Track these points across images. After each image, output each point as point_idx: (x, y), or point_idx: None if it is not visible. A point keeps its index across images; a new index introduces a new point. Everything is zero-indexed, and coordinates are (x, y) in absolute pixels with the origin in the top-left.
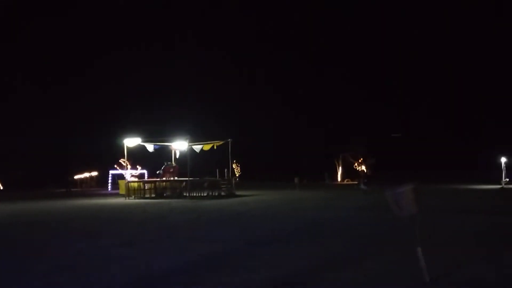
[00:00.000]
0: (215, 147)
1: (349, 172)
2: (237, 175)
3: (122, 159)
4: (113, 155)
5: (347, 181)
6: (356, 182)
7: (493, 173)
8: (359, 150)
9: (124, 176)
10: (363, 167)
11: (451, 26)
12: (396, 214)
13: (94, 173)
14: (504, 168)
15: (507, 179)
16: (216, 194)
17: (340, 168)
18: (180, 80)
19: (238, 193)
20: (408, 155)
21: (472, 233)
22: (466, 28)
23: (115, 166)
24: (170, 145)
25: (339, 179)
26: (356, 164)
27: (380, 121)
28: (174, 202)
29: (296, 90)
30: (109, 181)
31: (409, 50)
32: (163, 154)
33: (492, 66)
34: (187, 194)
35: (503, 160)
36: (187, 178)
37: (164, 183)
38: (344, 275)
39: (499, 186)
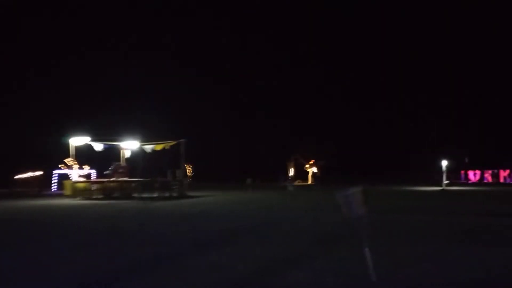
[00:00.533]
0: (167, 148)
1: (301, 173)
2: (189, 175)
3: (68, 159)
4: (59, 155)
5: (298, 182)
6: (311, 183)
7: (437, 175)
8: (310, 151)
9: (70, 176)
10: (314, 169)
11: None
12: (345, 215)
13: (38, 173)
14: (445, 170)
15: (448, 181)
16: (167, 195)
17: (292, 169)
18: (132, 79)
19: (190, 194)
20: (356, 157)
21: (418, 233)
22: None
23: (60, 166)
24: (120, 145)
25: (290, 180)
26: (307, 166)
27: (332, 122)
28: (123, 203)
29: (252, 90)
30: (54, 181)
31: (356, 52)
32: (112, 154)
33: (433, 69)
34: (137, 195)
35: (444, 163)
36: (138, 179)
37: (113, 183)
38: (292, 275)
39: (440, 188)
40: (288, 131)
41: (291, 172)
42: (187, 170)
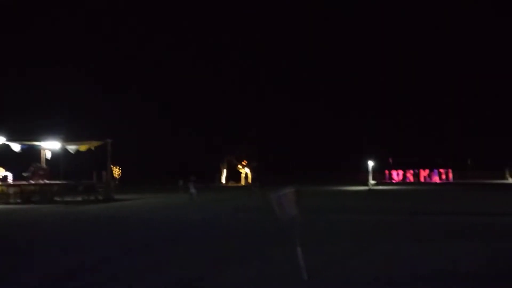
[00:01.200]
0: (92, 148)
1: (234, 174)
2: (116, 177)
3: None
4: None
5: (231, 183)
6: (244, 184)
7: (361, 175)
8: (244, 152)
9: None
10: (248, 170)
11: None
12: (279, 215)
13: None
14: (371, 171)
15: (374, 181)
16: (93, 198)
17: (225, 170)
18: (56, 77)
19: (117, 197)
20: (291, 158)
21: (346, 231)
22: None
23: None
24: (40, 145)
25: (223, 181)
26: (240, 167)
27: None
28: (44, 208)
29: (184, 90)
30: None
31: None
32: (32, 155)
33: (363, 71)
34: (60, 199)
35: (370, 164)
36: (60, 181)
37: (32, 186)
38: (225, 276)
39: (367, 188)
40: (221, 133)
41: (224, 173)
42: (114, 172)
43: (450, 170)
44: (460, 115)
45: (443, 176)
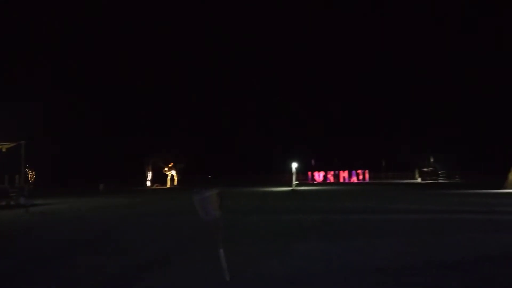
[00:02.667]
0: (4, 150)
1: (159, 176)
2: (31, 181)
3: None
4: None
5: (156, 186)
6: (170, 186)
7: (285, 177)
8: (169, 155)
9: None
10: (173, 172)
11: None
12: (202, 218)
13: None
14: (295, 172)
15: (297, 182)
16: (4, 203)
17: (150, 172)
18: None
19: (33, 202)
20: (214, 160)
21: (267, 232)
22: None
23: None
24: None
25: (148, 183)
26: (165, 169)
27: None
28: None
29: (114, 91)
30: None
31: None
32: None
33: (287, 76)
34: None
35: (294, 165)
36: None
37: None
38: (147, 280)
39: (290, 188)
40: (146, 134)
41: (149, 175)
42: (29, 176)
43: (366, 171)
44: (376, 119)
45: (360, 177)
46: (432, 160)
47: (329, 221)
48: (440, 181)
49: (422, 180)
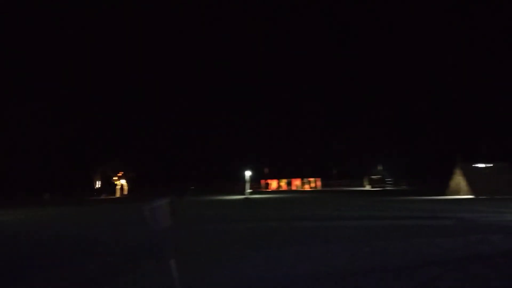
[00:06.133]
0: None
1: (108, 186)
2: None
3: None
4: None
5: (104, 196)
6: (120, 196)
7: (239, 185)
8: (118, 164)
9: None
10: (123, 181)
11: None
12: (152, 227)
13: None
14: (248, 180)
15: (251, 190)
16: None
17: (99, 182)
18: None
19: None
20: (167, 169)
21: (221, 240)
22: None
23: None
24: None
25: (97, 193)
26: (115, 178)
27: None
28: None
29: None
30: None
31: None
32: None
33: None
34: None
35: (247, 173)
36: None
37: None
38: None
39: (243, 197)
40: (94, 143)
41: (98, 185)
42: None
43: (318, 179)
44: (327, 129)
45: (312, 184)
46: (380, 168)
47: (281, 229)
48: (387, 188)
49: (371, 188)
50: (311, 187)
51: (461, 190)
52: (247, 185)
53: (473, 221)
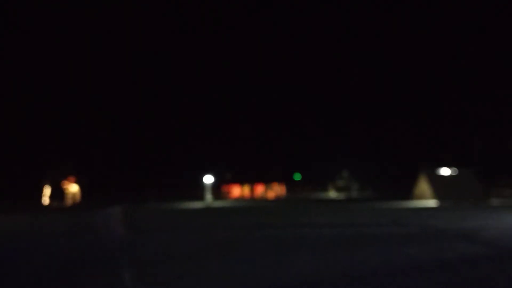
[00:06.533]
0: None
1: (58, 192)
2: None
3: None
4: None
5: (54, 203)
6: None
7: (199, 191)
8: (70, 168)
9: None
10: (74, 187)
11: None
12: (103, 236)
13: None
14: (209, 187)
15: (212, 196)
16: None
17: (48, 189)
18: None
19: None
20: (124, 175)
21: (180, 250)
22: None
23: None
24: None
25: (47, 201)
26: (65, 184)
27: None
28: None
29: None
30: None
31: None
32: None
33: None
34: None
35: (209, 180)
36: None
37: None
38: None
39: (204, 204)
40: (44, 145)
41: (47, 191)
42: None
43: (283, 185)
44: (293, 134)
45: (277, 191)
46: (345, 174)
47: (242, 238)
48: (353, 194)
49: (336, 194)
50: (275, 193)
51: (425, 197)
52: (208, 192)
53: (437, 228)
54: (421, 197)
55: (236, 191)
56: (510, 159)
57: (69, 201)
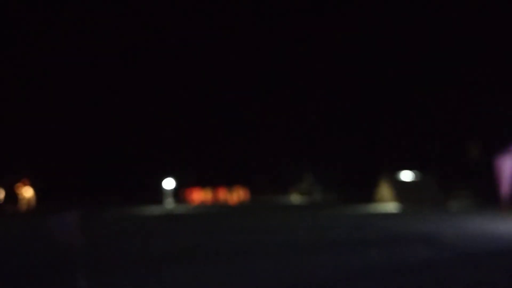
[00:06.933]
0: None
1: (12, 196)
2: None
3: None
4: None
5: (9, 207)
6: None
7: (160, 196)
8: (24, 172)
9: None
10: (29, 191)
11: None
12: (57, 242)
13: None
14: (170, 191)
15: (173, 201)
16: None
17: (2, 192)
18: None
19: None
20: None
21: (138, 257)
22: None
23: None
24: None
25: None
26: (19, 188)
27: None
28: None
29: None
30: None
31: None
32: None
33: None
34: None
35: (169, 184)
36: None
37: None
38: None
39: (165, 208)
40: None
41: (1, 195)
42: None
43: (246, 189)
44: (257, 138)
45: (240, 195)
46: (309, 177)
47: (200, 244)
48: (316, 197)
49: (299, 197)
50: (238, 198)
51: (387, 201)
52: (170, 196)
53: (396, 231)
54: (383, 201)
55: (198, 195)
56: (467, 165)
57: (23, 206)
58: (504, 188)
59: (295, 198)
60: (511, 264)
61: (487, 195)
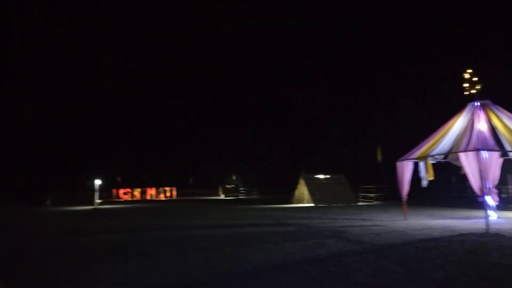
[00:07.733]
0: None
1: None
2: None
3: None
4: None
5: None
6: None
7: (88, 194)
8: None
9: None
10: None
11: None
12: None
13: None
14: (98, 189)
15: (100, 200)
16: None
17: None
18: None
19: None
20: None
21: (67, 255)
22: None
23: None
24: None
25: None
26: None
27: None
28: None
29: None
30: None
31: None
32: None
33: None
34: None
35: (97, 182)
36: None
37: None
38: None
39: (92, 207)
40: None
41: None
42: None
43: (174, 188)
44: (183, 138)
45: (168, 194)
46: (234, 177)
47: (131, 241)
48: (240, 197)
49: (225, 196)
50: (166, 196)
51: (304, 199)
52: (96, 195)
53: (312, 227)
54: (300, 199)
55: (127, 194)
56: (374, 167)
57: None
58: (405, 188)
59: (222, 197)
60: (407, 252)
61: (391, 194)
